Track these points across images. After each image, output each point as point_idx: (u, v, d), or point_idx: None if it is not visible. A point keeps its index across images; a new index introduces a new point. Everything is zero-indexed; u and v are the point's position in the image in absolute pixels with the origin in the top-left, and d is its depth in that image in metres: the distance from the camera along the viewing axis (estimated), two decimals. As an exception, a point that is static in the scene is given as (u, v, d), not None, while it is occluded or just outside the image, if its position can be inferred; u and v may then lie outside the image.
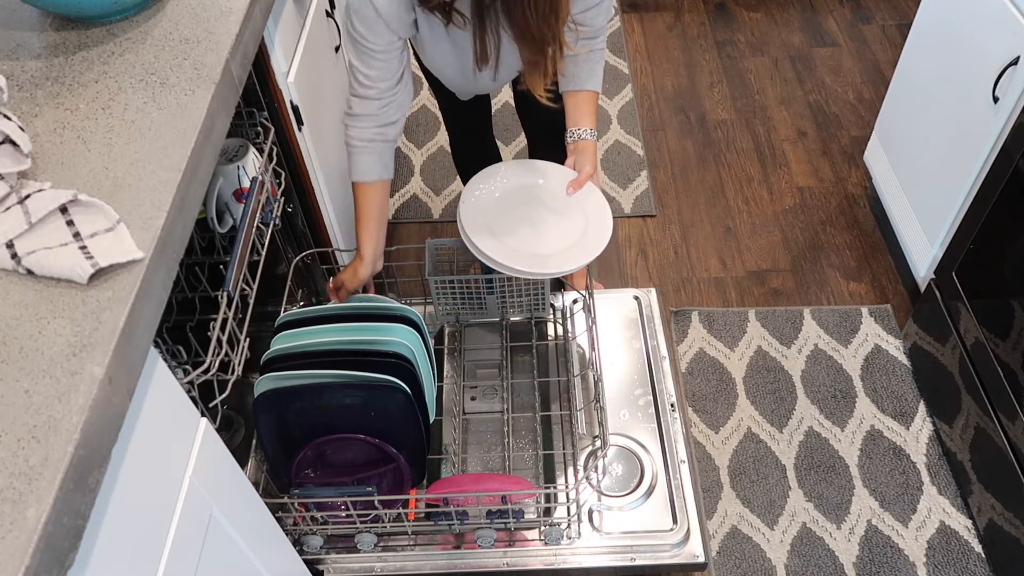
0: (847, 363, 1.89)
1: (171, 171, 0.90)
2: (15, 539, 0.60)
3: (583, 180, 1.41)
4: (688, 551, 1.34)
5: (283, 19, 1.38)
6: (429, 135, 2.50)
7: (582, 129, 1.43)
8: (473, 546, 1.35)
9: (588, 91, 1.43)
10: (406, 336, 1.29)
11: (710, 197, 2.31)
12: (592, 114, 1.44)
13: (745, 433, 1.78)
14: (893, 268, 2.10)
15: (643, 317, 1.66)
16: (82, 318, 0.75)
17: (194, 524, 0.88)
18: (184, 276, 1.25)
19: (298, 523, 1.31)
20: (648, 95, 2.63)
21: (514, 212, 1.38)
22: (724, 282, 2.10)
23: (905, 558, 1.58)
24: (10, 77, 1.03)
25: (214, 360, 1.02)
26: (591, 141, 1.43)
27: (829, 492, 1.68)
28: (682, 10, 2.96)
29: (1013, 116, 1.48)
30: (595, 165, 1.43)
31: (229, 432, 1.45)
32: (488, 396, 1.53)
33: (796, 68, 2.70)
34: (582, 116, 1.43)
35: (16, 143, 0.85)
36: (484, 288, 1.56)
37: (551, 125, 1.73)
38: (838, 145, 2.44)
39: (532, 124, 1.76)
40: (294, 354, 1.27)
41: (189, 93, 1.00)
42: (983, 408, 1.54)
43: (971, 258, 1.57)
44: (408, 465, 1.29)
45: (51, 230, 0.81)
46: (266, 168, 1.31)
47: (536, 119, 1.73)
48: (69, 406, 0.68)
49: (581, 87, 1.42)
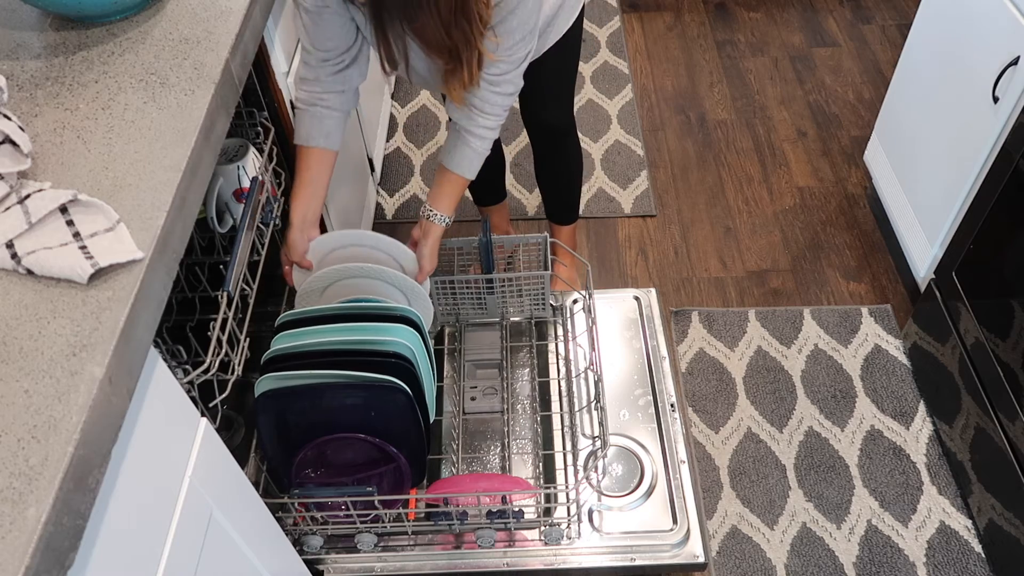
0: (847, 363, 1.89)
1: (171, 171, 0.90)
2: (15, 539, 0.60)
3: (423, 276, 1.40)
4: (688, 551, 1.34)
5: (283, 19, 1.38)
6: (429, 135, 2.50)
7: (434, 212, 1.36)
8: (473, 546, 1.35)
9: (454, 174, 1.35)
10: (406, 336, 1.29)
11: (710, 197, 2.31)
12: (451, 200, 1.37)
13: (745, 433, 1.78)
14: (893, 268, 2.10)
15: (643, 317, 1.66)
16: (82, 318, 0.75)
17: (194, 524, 0.88)
18: (184, 276, 1.25)
19: (298, 523, 1.31)
20: (648, 95, 2.63)
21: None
22: (724, 282, 2.10)
23: (905, 558, 1.58)
24: (10, 77, 1.03)
25: (214, 360, 1.02)
26: (439, 227, 1.37)
27: (829, 492, 1.68)
28: (682, 10, 2.96)
29: (1013, 116, 1.48)
30: (433, 258, 1.40)
31: (229, 432, 1.45)
32: (488, 396, 1.53)
33: (796, 68, 2.70)
34: (441, 198, 1.36)
35: (16, 143, 0.85)
36: (484, 288, 1.56)
37: (554, 133, 1.72)
38: (838, 145, 2.44)
39: (534, 132, 1.74)
40: (294, 354, 1.27)
41: (189, 93, 1.00)
42: (983, 408, 1.54)
43: (971, 258, 1.57)
44: (408, 465, 1.29)
45: (51, 230, 0.81)
46: (266, 168, 1.31)
47: (538, 127, 1.72)
48: (69, 406, 0.68)
49: (450, 168, 1.35)
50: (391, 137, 2.49)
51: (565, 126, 1.70)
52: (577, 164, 1.84)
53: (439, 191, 1.37)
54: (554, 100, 1.63)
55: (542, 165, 1.82)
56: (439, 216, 1.37)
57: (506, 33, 1.18)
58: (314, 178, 1.34)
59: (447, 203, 1.37)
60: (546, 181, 1.86)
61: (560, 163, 1.79)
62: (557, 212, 1.92)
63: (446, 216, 1.37)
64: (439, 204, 1.37)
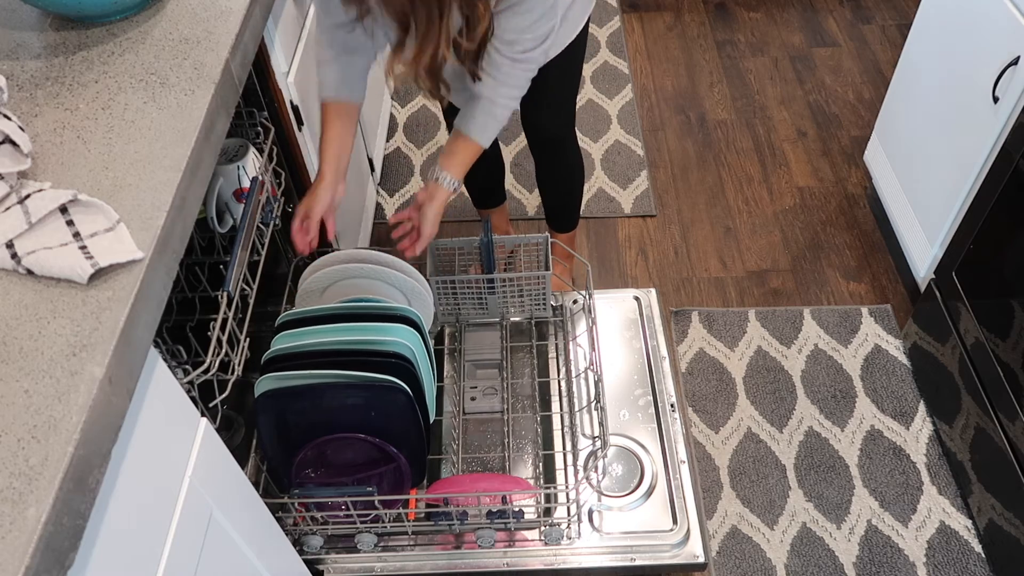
0: (847, 363, 1.89)
1: (171, 171, 0.90)
2: (15, 539, 0.60)
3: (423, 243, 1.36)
4: (688, 551, 1.34)
5: (283, 19, 1.38)
6: (429, 135, 2.50)
7: (444, 174, 1.33)
8: (473, 546, 1.35)
9: (469, 139, 1.31)
10: (406, 336, 1.29)
11: (710, 197, 2.31)
12: (462, 164, 1.33)
13: (745, 433, 1.78)
14: (893, 268, 2.10)
15: (643, 317, 1.66)
16: (82, 318, 0.75)
17: (194, 524, 0.88)
18: (184, 276, 1.25)
19: (298, 523, 1.31)
20: (648, 95, 2.63)
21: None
22: (724, 282, 2.10)
23: (905, 558, 1.58)
24: (10, 77, 1.03)
25: (214, 360, 1.02)
26: (446, 191, 1.34)
27: (829, 492, 1.68)
28: (682, 10, 2.96)
29: (1013, 116, 1.48)
30: (435, 224, 1.35)
31: (229, 432, 1.45)
32: (488, 396, 1.53)
33: (796, 68, 2.70)
34: (453, 162, 1.33)
35: (16, 143, 0.85)
36: (484, 288, 1.56)
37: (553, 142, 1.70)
38: (838, 145, 2.44)
39: (533, 141, 1.72)
40: (294, 354, 1.27)
41: (189, 93, 1.00)
42: (983, 408, 1.54)
43: (971, 258, 1.57)
44: (408, 465, 1.29)
45: (51, 230, 0.81)
46: (266, 168, 1.31)
47: (537, 136, 1.70)
48: (69, 406, 0.68)
49: (465, 131, 1.31)
50: (391, 137, 2.49)
51: (564, 136, 1.68)
52: (578, 172, 1.81)
53: (451, 154, 1.33)
54: (554, 110, 1.62)
55: (542, 172, 1.81)
56: (448, 179, 1.32)
57: (526, 11, 1.17)
58: (340, 133, 1.33)
59: (458, 167, 1.33)
60: (545, 188, 1.84)
61: (559, 171, 1.78)
62: (556, 219, 1.90)
63: (455, 180, 1.33)
64: (450, 167, 1.32)
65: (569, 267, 2.00)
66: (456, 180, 1.34)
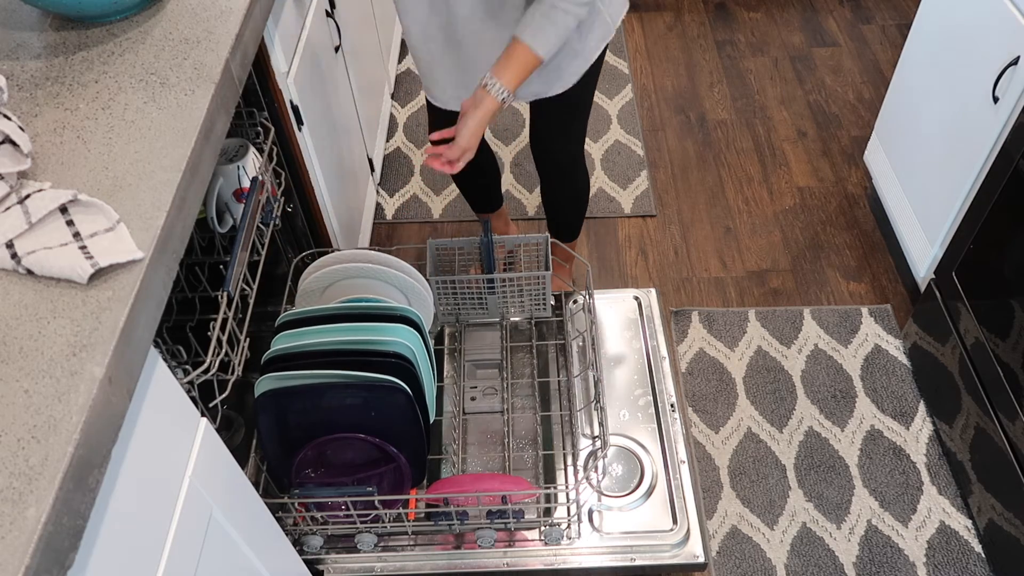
0: (847, 363, 1.89)
1: (171, 171, 0.90)
2: (15, 539, 0.60)
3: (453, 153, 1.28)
4: (688, 551, 1.34)
5: (283, 19, 1.38)
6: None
7: (494, 82, 1.25)
8: (473, 546, 1.35)
9: (525, 45, 1.24)
10: (406, 336, 1.29)
11: (710, 197, 2.31)
12: (515, 73, 1.25)
13: (745, 433, 1.78)
14: (893, 268, 2.10)
15: (643, 317, 1.66)
16: (82, 318, 0.75)
17: (194, 524, 0.88)
18: (184, 276, 1.25)
19: (298, 523, 1.31)
20: (648, 95, 2.63)
21: None
22: (724, 282, 2.10)
23: (905, 558, 1.58)
24: (10, 77, 1.03)
25: (214, 360, 1.02)
26: (494, 101, 1.26)
27: (829, 492, 1.68)
28: (682, 10, 2.96)
29: (1013, 116, 1.48)
30: (474, 137, 1.28)
31: (229, 432, 1.45)
32: (488, 396, 1.53)
33: (796, 68, 2.70)
34: (506, 70, 1.25)
35: (16, 143, 0.85)
36: (484, 288, 1.56)
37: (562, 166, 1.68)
38: (838, 145, 2.44)
39: (542, 164, 1.70)
40: (294, 354, 1.27)
41: (189, 93, 1.00)
42: (983, 408, 1.54)
43: (971, 258, 1.57)
44: (408, 465, 1.29)
45: (51, 230, 0.81)
46: (266, 168, 1.31)
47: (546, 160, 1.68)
48: (69, 406, 0.68)
49: (521, 37, 1.24)
50: (391, 137, 2.49)
51: (574, 161, 1.68)
52: (584, 195, 1.80)
53: (506, 61, 1.25)
54: (567, 137, 1.61)
55: (549, 194, 1.79)
56: (499, 87, 1.25)
57: None
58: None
59: (511, 77, 1.25)
60: (552, 208, 1.83)
61: (567, 193, 1.76)
62: (559, 233, 1.88)
63: (505, 89, 1.25)
64: (503, 75, 1.25)
65: (569, 267, 2.00)
66: (506, 90, 1.25)
